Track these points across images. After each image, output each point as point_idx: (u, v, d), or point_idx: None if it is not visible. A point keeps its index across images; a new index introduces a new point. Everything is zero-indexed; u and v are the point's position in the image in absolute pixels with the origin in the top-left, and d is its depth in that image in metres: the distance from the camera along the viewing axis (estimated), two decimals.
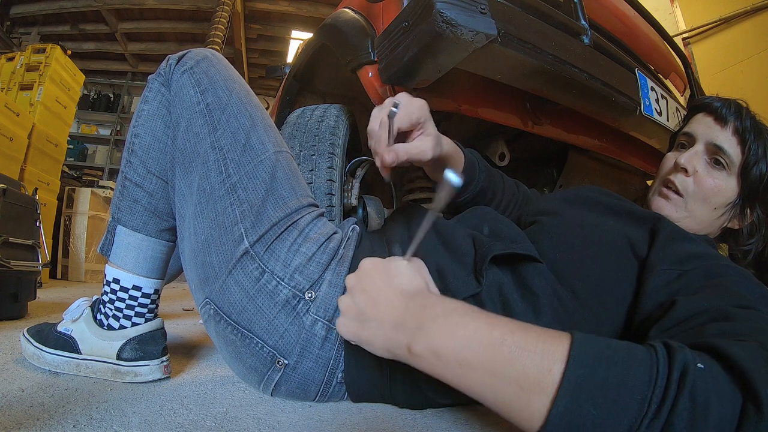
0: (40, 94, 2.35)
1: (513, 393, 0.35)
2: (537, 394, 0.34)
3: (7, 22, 4.58)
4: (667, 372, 0.33)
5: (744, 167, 0.62)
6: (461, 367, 0.38)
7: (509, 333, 0.37)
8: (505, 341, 0.36)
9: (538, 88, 0.92)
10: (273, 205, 0.59)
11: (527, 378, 0.35)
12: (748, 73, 2.63)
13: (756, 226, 0.65)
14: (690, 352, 0.34)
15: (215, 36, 3.86)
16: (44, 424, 0.46)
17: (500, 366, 0.36)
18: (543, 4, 0.89)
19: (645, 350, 0.35)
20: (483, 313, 0.40)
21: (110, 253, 0.65)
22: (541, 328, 0.38)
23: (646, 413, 0.31)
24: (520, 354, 0.36)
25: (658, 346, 0.35)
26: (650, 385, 0.32)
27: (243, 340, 0.56)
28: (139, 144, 0.66)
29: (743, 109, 0.65)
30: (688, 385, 0.32)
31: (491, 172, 0.80)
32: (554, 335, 0.37)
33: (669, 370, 0.33)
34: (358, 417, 0.56)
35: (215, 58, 0.68)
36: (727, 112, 0.64)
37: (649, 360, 0.34)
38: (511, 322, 0.39)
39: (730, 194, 0.64)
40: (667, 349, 0.35)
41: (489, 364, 0.36)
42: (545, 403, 0.34)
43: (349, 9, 1.08)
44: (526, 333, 0.37)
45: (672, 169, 0.68)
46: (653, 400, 0.32)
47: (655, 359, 0.34)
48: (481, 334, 0.38)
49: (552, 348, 0.35)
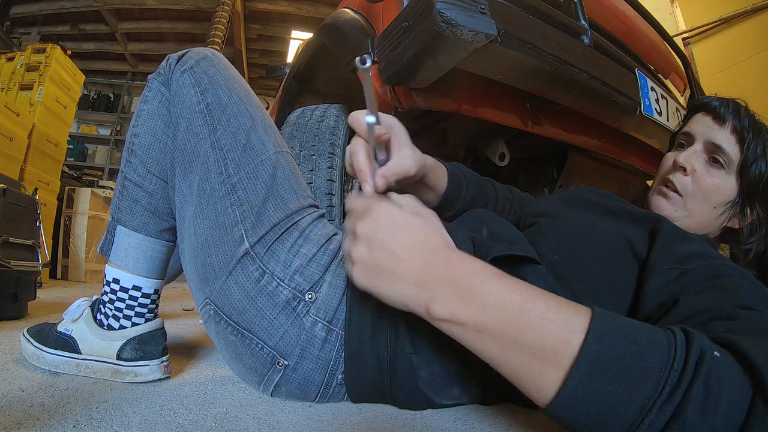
0: (40, 94, 2.35)
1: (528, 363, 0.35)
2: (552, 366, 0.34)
3: (7, 22, 4.58)
4: (684, 356, 0.32)
5: (743, 166, 0.62)
6: (480, 332, 0.37)
7: (530, 300, 0.36)
8: (524, 309, 0.36)
9: (538, 88, 0.92)
10: (273, 206, 0.59)
11: (543, 348, 0.34)
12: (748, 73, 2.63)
13: (756, 226, 0.65)
14: (707, 340, 0.34)
15: (215, 36, 3.86)
16: (44, 424, 0.46)
17: (518, 334, 0.35)
18: (543, 4, 0.89)
19: (663, 333, 0.35)
20: (506, 277, 0.39)
21: (110, 253, 0.65)
22: (563, 299, 0.37)
23: (659, 395, 0.31)
24: (539, 323, 0.35)
25: (677, 331, 0.35)
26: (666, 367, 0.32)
27: (243, 341, 0.56)
28: (139, 144, 0.66)
29: (742, 108, 0.65)
30: (704, 371, 0.32)
31: (480, 181, 0.78)
32: (575, 307, 0.36)
33: (687, 354, 0.33)
34: (358, 417, 0.56)
35: (215, 57, 0.68)
36: (726, 111, 0.64)
37: (667, 342, 0.33)
38: (533, 289, 0.38)
39: (729, 193, 0.64)
40: (686, 334, 0.34)
41: (506, 332, 0.36)
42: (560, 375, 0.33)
43: (349, 9, 1.08)
44: (547, 302, 0.36)
45: (671, 169, 0.68)
46: (668, 382, 0.31)
47: (673, 342, 0.33)
48: (501, 301, 0.37)
49: (572, 319, 0.35)
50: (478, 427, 0.54)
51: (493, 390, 0.58)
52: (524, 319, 0.35)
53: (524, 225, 0.68)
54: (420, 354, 0.54)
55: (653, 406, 0.31)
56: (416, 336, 0.55)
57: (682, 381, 0.31)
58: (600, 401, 0.32)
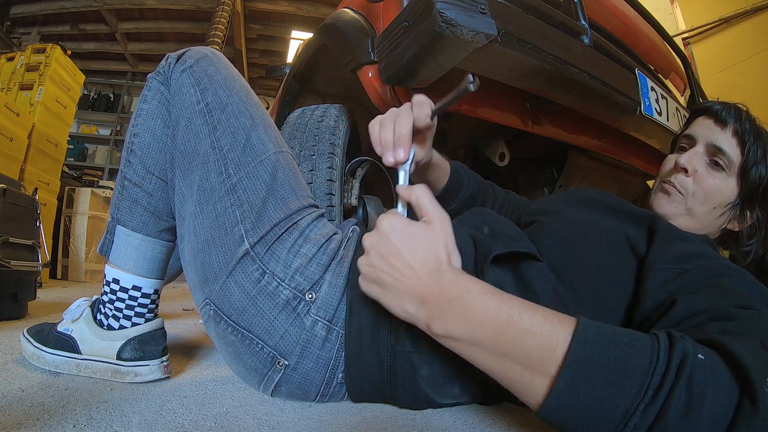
0: (40, 94, 2.35)
1: (518, 372, 0.37)
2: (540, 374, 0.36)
3: (7, 22, 4.58)
4: (666, 359, 0.33)
5: (743, 168, 0.63)
6: (473, 347, 0.40)
7: (517, 315, 0.38)
8: (512, 323, 0.38)
9: (538, 88, 0.92)
10: (273, 206, 0.59)
11: (531, 358, 0.36)
12: (748, 73, 2.63)
13: (756, 228, 0.66)
14: (691, 342, 0.35)
15: (215, 36, 3.86)
16: (44, 424, 0.46)
17: (507, 347, 0.38)
18: (543, 4, 0.89)
19: (647, 337, 0.36)
20: (496, 294, 0.41)
21: (110, 253, 0.65)
22: (550, 310, 0.39)
23: (642, 398, 0.32)
24: (525, 336, 0.37)
25: (661, 335, 0.36)
26: (649, 371, 0.33)
27: (243, 341, 0.56)
28: (139, 144, 0.66)
29: (743, 112, 0.66)
30: (686, 373, 0.32)
31: (480, 181, 0.81)
32: (561, 318, 0.38)
33: (669, 357, 0.33)
34: (358, 417, 0.56)
35: (215, 56, 0.67)
36: (727, 115, 0.65)
37: (651, 347, 0.34)
38: (522, 303, 0.40)
39: (729, 195, 0.64)
40: (669, 338, 0.35)
41: (497, 345, 0.38)
42: (547, 382, 0.35)
43: (349, 9, 1.08)
44: (533, 315, 0.38)
45: (672, 170, 0.68)
46: (650, 386, 0.32)
47: (656, 346, 0.34)
48: (491, 318, 0.39)
49: (556, 330, 0.36)
50: (478, 427, 0.54)
51: (493, 389, 0.58)
52: (512, 332, 0.38)
53: (525, 223, 0.68)
54: (420, 353, 0.54)
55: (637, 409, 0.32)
56: (416, 335, 0.55)
57: (664, 384, 0.32)
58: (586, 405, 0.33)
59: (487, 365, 0.40)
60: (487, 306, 0.40)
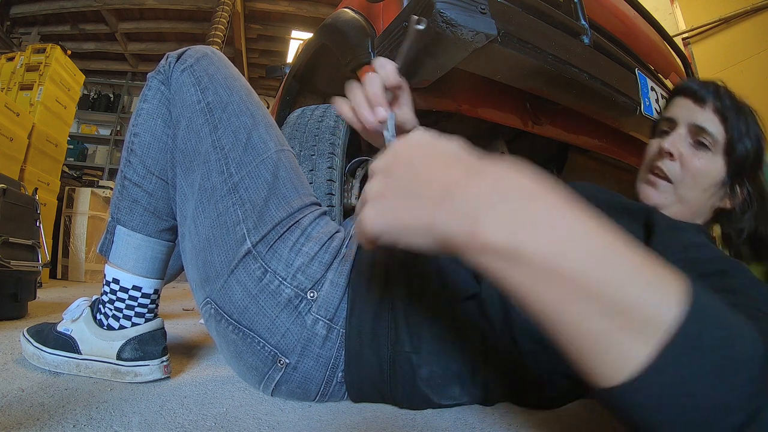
0: (40, 94, 2.35)
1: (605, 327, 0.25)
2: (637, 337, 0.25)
3: (7, 22, 4.58)
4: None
5: (728, 145, 0.62)
6: (548, 277, 0.26)
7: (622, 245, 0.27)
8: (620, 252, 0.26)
9: (538, 88, 0.92)
10: (275, 205, 0.59)
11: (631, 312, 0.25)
12: (748, 73, 2.63)
13: (747, 203, 0.64)
14: None
15: (215, 36, 3.86)
16: (44, 424, 0.46)
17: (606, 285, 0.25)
18: (543, 4, 0.89)
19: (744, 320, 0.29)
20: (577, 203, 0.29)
21: (110, 253, 0.65)
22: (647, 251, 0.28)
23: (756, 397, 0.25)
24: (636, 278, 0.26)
25: None
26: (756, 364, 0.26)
27: (244, 340, 0.56)
28: (139, 143, 0.66)
29: (721, 88, 0.64)
30: None
31: None
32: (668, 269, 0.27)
33: None
34: (358, 417, 0.56)
35: (215, 55, 0.67)
36: (706, 93, 0.63)
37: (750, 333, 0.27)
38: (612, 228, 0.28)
39: (717, 174, 0.63)
40: None
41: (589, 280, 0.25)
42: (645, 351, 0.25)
43: (349, 9, 1.08)
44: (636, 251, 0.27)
45: (657, 155, 0.67)
46: None
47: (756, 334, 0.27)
48: (588, 235, 0.27)
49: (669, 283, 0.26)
50: (478, 427, 0.54)
51: (493, 390, 0.57)
52: (619, 267, 0.26)
53: None
54: (419, 353, 0.54)
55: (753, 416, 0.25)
56: (416, 335, 0.55)
57: None
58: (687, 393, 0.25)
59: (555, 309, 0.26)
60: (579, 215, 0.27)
